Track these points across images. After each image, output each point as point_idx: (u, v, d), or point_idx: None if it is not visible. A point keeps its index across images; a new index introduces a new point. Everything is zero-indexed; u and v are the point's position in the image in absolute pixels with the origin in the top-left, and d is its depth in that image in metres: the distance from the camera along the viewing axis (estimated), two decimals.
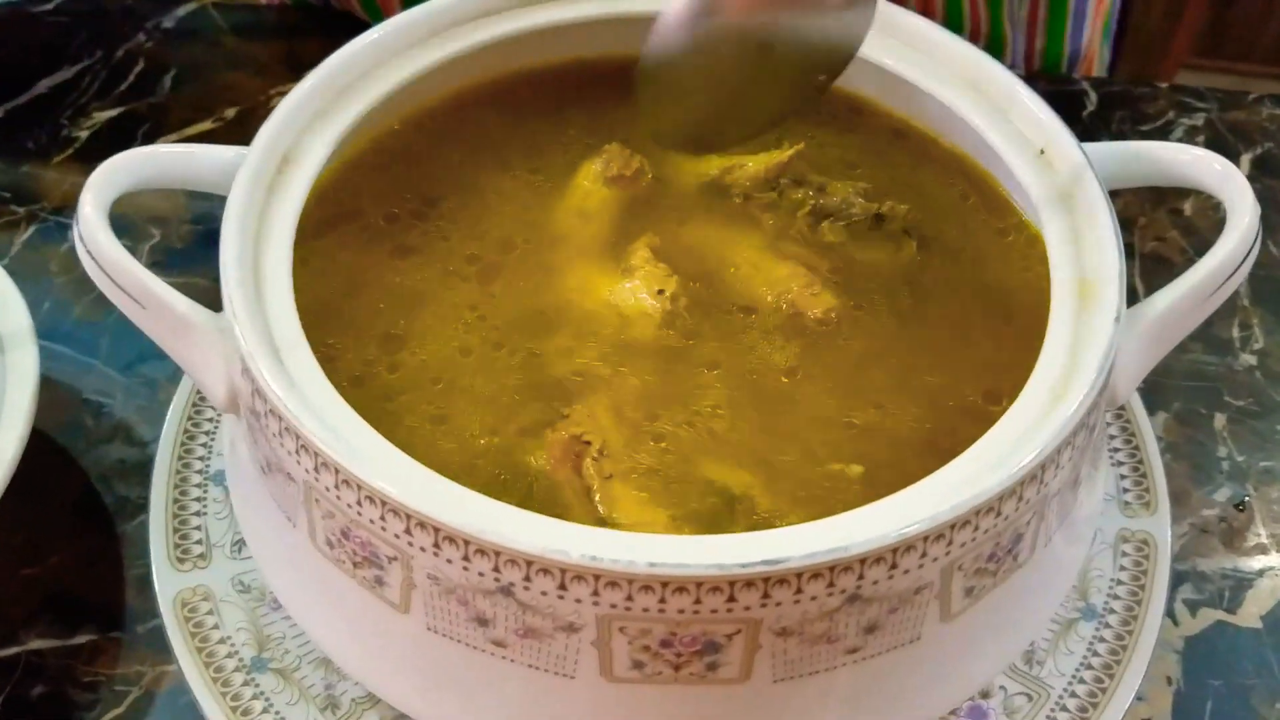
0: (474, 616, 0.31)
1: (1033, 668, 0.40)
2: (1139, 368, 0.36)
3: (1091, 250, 0.36)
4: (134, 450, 0.49)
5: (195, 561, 0.42)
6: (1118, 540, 0.43)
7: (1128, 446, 0.45)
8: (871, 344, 0.38)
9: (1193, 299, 0.36)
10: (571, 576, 0.29)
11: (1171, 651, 0.43)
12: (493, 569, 0.30)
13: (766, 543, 0.29)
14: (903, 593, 0.31)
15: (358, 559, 0.32)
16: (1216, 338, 0.53)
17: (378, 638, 0.34)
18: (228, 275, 0.34)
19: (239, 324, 0.33)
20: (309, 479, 0.32)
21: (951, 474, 0.31)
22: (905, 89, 0.42)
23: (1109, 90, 0.63)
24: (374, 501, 0.30)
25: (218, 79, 0.64)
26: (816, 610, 0.30)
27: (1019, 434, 0.32)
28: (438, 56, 0.42)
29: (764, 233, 0.41)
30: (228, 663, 0.40)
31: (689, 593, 0.29)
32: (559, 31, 0.44)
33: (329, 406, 0.32)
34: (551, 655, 0.31)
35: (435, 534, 0.30)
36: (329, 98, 0.40)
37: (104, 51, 0.65)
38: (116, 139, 0.61)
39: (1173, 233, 0.57)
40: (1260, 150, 0.61)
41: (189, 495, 0.44)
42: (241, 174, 0.36)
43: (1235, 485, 0.48)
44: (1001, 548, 0.32)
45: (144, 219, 0.57)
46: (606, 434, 0.35)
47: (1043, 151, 0.39)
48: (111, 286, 0.35)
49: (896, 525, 0.29)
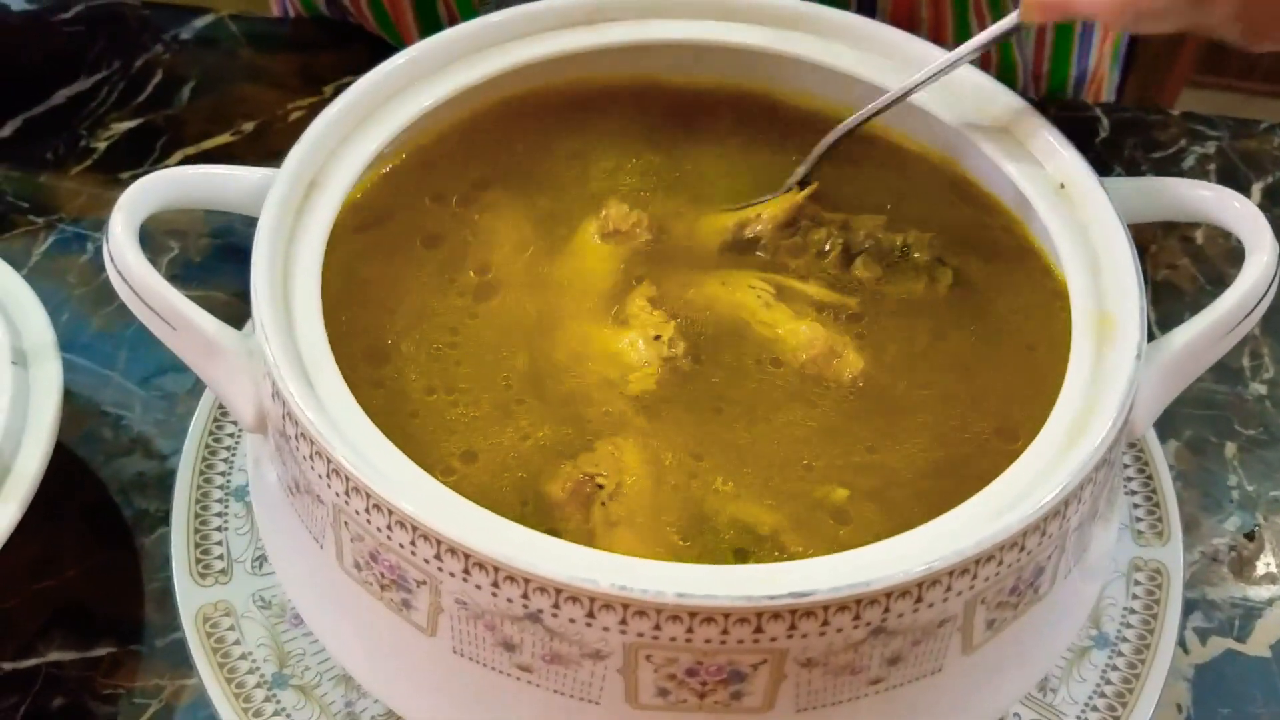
0: (501, 641, 0.31)
1: (1046, 695, 0.41)
2: (1157, 403, 0.37)
3: (1111, 285, 0.36)
4: (152, 463, 0.49)
5: (217, 577, 0.43)
6: (1130, 569, 0.43)
7: (1141, 476, 0.46)
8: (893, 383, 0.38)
9: (1211, 336, 0.36)
10: (600, 605, 0.29)
11: (1182, 679, 0.44)
12: (521, 596, 0.30)
13: (794, 575, 0.30)
14: (926, 625, 0.31)
15: (385, 581, 0.32)
16: (1227, 367, 0.53)
17: (402, 658, 0.34)
18: (259, 299, 0.34)
19: (270, 347, 0.33)
20: (339, 502, 0.32)
21: (975, 508, 0.31)
22: (923, 120, 0.42)
23: (1121, 117, 0.64)
24: (404, 526, 0.30)
25: (235, 91, 0.65)
26: (842, 642, 0.30)
27: (1041, 469, 0.32)
28: (464, 80, 0.43)
29: (785, 276, 0.41)
30: (249, 678, 0.40)
31: (716, 623, 0.29)
32: (581, 58, 0.44)
33: (359, 431, 0.32)
34: (577, 681, 0.31)
35: (465, 560, 0.30)
36: (353, 123, 0.40)
37: (122, 62, 0.66)
38: (134, 150, 0.61)
39: (1184, 260, 0.58)
40: (1271, 179, 0.62)
41: (210, 510, 0.44)
42: (270, 198, 0.37)
43: (1245, 514, 0.49)
44: (1024, 581, 0.32)
45: (162, 232, 0.57)
46: (623, 476, 0.35)
47: (1063, 186, 0.39)
48: (142, 307, 0.36)
49: (922, 559, 0.30)
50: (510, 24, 0.44)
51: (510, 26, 0.44)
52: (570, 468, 0.35)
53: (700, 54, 0.46)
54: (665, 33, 0.45)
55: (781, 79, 0.45)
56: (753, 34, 0.45)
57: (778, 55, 0.45)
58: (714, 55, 0.46)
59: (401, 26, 0.65)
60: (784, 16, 0.45)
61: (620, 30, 0.45)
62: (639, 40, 0.45)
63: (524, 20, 0.44)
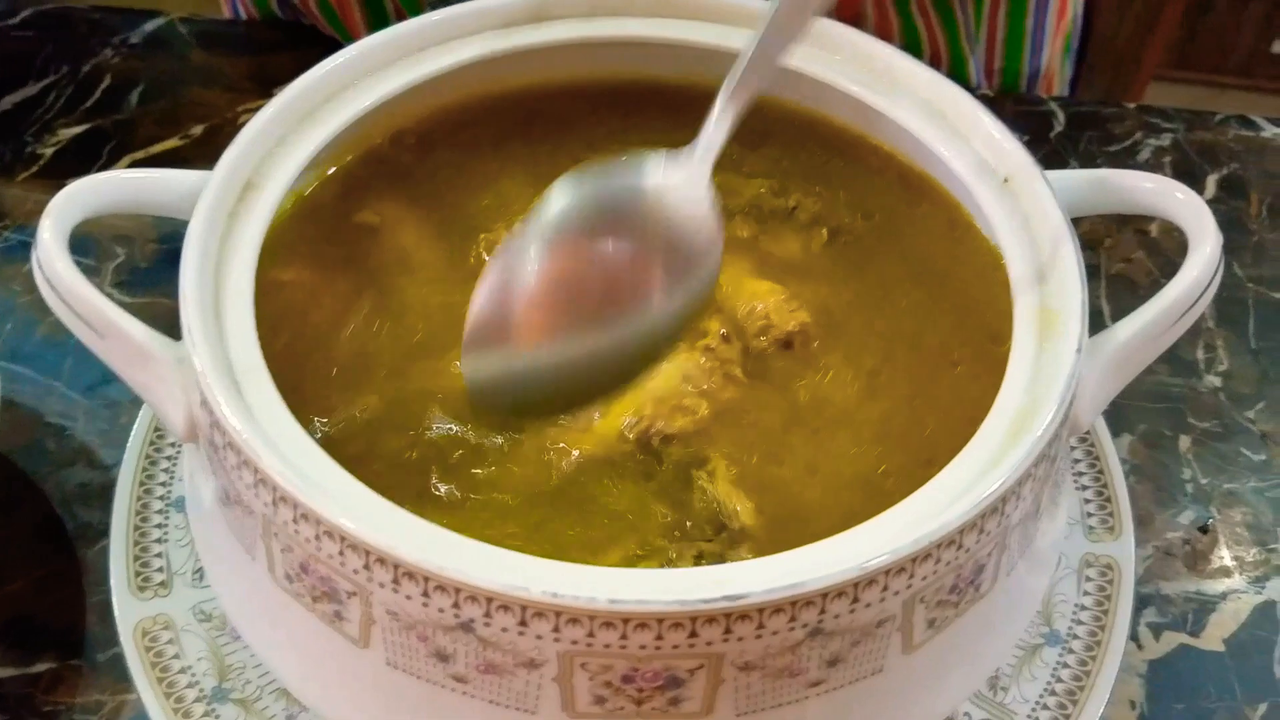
0: (434, 652, 0.31)
1: (997, 694, 0.40)
2: (1102, 396, 0.36)
3: (1054, 280, 0.36)
4: (96, 474, 0.48)
5: (156, 589, 0.42)
6: (1082, 565, 0.43)
7: (1092, 470, 0.46)
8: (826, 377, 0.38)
9: (1156, 328, 0.36)
10: (532, 613, 0.29)
11: (1135, 675, 0.44)
12: (452, 605, 0.29)
13: (728, 577, 0.29)
14: (865, 626, 0.31)
15: (316, 593, 0.32)
16: (1181, 360, 0.53)
17: (337, 671, 0.33)
18: (187, 305, 0.34)
19: (197, 354, 0.33)
20: (267, 512, 0.31)
21: (913, 507, 0.31)
22: (869, 114, 0.42)
23: (1077, 111, 0.63)
24: (332, 536, 0.30)
25: (185, 95, 0.64)
26: (779, 644, 0.30)
27: (981, 466, 0.32)
28: (405, 81, 0.42)
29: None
30: (188, 693, 0.39)
31: (650, 629, 0.29)
32: (526, 56, 0.44)
33: (288, 438, 0.32)
34: (513, 691, 0.31)
35: (394, 570, 0.29)
36: (293, 123, 0.40)
37: (70, 67, 0.65)
38: (82, 156, 0.60)
39: (1139, 253, 0.57)
40: (1226, 171, 0.62)
41: (150, 522, 0.43)
42: (203, 201, 0.36)
43: (1199, 508, 0.49)
44: (963, 579, 0.32)
45: (109, 238, 0.56)
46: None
47: (1007, 180, 0.39)
48: (69, 314, 0.35)
49: (857, 559, 0.29)
50: (454, 22, 0.43)
51: (454, 24, 0.43)
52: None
53: (649, 51, 0.45)
54: (613, 30, 0.45)
55: None
56: (703, 31, 0.45)
57: (728, 53, 0.44)
58: (663, 53, 0.45)
59: (350, 24, 0.64)
60: (734, 14, 0.44)
61: (567, 28, 0.44)
62: (586, 38, 0.44)
63: (468, 18, 0.43)
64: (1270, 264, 0.58)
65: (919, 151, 0.41)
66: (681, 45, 0.44)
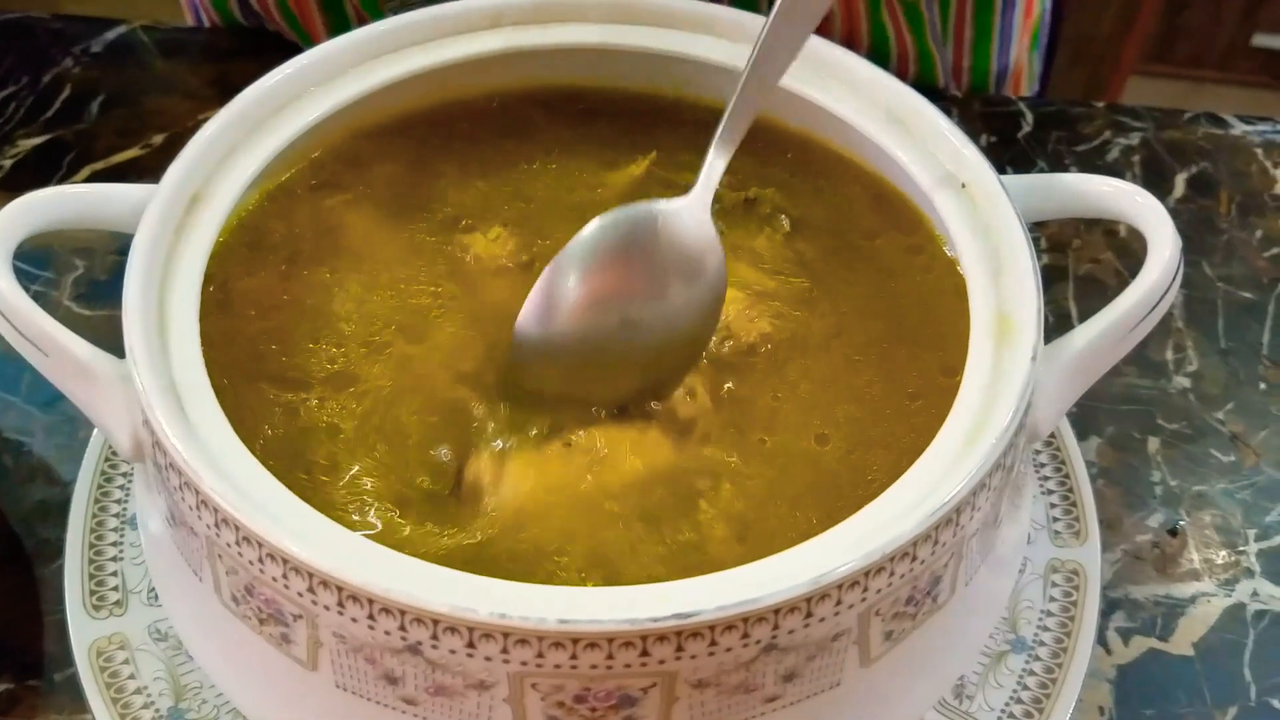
0: (383, 674, 0.30)
1: (963, 702, 0.40)
2: (1060, 403, 0.36)
3: (1010, 286, 0.35)
4: (55, 490, 0.48)
5: (111, 609, 0.41)
6: (1048, 570, 0.43)
7: (1058, 475, 0.45)
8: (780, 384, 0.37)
9: (1114, 334, 0.35)
10: (480, 635, 0.28)
11: (1104, 681, 0.43)
12: (399, 628, 0.29)
13: (679, 594, 0.29)
14: (820, 640, 0.30)
15: (263, 615, 0.31)
16: (1150, 361, 0.53)
17: (288, 694, 0.33)
18: (130, 322, 0.33)
19: (139, 373, 0.32)
20: (210, 534, 0.31)
21: (867, 519, 0.31)
22: (829, 121, 0.42)
23: (1045, 110, 0.63)
24: (275, 559, 0.29)
25: (147, 104, 0.63)
26: (732, 661, 0.30)
27: (935, 477, 0.31)
28: (358, 89, 0.41)
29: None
30: (144, 714, 0.39)
31: (601, 648, 0.29)
32: (482, 62, 0.43)
33: (232, 457, 0.31)
34: (464, 713, 0.30)
35: (339, 593, 0.29)
36: (241, 134, 0.39)
37: (30, 77, 0.64)
38: (42, 167, 0.60)
39: (1107, 254, 0.57)
40: (1195, 169, 0.62)
41: (105, 540, 0.43)
42: (147, 215, 0.36)
43: (1169, 510, 0.48)
44: (920, 590, 0.32)
45: (68, 250, 0.56)
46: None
47: (964, 185, 0.38)
48: (12, 332, 0.34)
49: (810, 574, 0.29)
50: (408, 29, 0.43)
51: (409, 32, 0.43)
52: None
53: (607, 58, 0.45)
54: (571, 36, 0.44)
55: (693, 83, 0.45)
56: (662, 38, 0.44)
57: (685, 58, 0.44)
58: (622, 59, 0.45)
59: (310, 27, 0.64)
60: (694, 19, 0.44)
61: (524, 34, 0.44)
62: (543, 44, 0.44)
63: (423, 25, 0.43)
64: (1240, 263, 0.57)
65: (879, 157, 0.41)
66: (637, 51, 0.44)
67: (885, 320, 0.39)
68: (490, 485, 0.34)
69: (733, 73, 0.42)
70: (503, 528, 0.34)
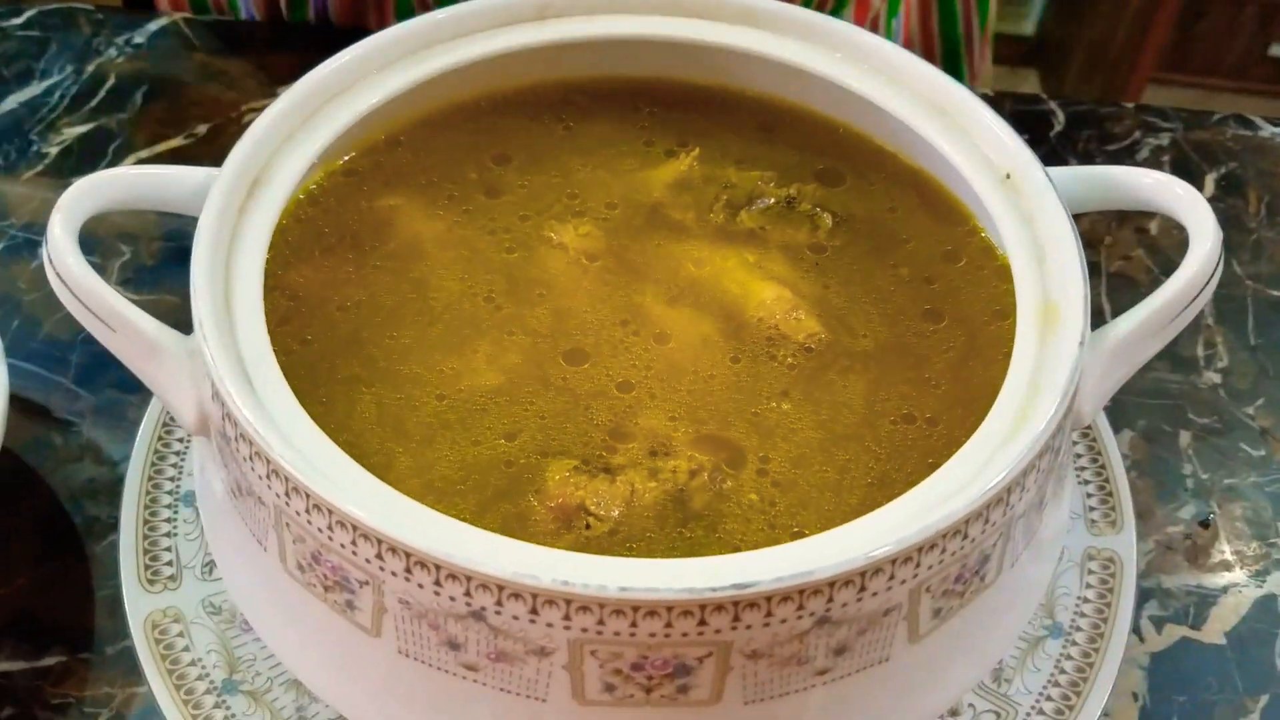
0: (445, 640, 0.31)
1: (1000, 685, 0.41)
2: (1104, 390, 0.37)
3: (1056, 274, 0.36)
4: (103, 469, 0.49)
5: (166, 583, 0.42)
6: (1084, 558, 0.44)
7: (1094, 465, 0.46)
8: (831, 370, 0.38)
9: (1156, 322, 0.36)
10: (543, 601, 0.29)
11: (1137, 668, 0.44)
12: (464, 594, 0.30)
13: (736, 566, 0.30)
14: (871, 614, 0.31)
15: (328, 583, 0.32)
16: (1180, 356, 0.54)
17: (349, 661, 0.34)
18: (198, 299, 0.34)
19: (209, 347, 0.33)
20: (279, 503, 0.31)
21: (919, 497, 0.31)
22: (870, 111, 0.42)
23: (1076, 110, 0.64)
24: (345, 526, 0.30)
25: (189, 94, 0.64)
26: (786, 633, 0.30)
27: (985, 457, 0.32)
28: (410, 78, 0.42)
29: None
30: (198, 685, 0.40)
31: (660, 616, 0.29)
32: (529, 54, 0.44)
33: (300, 429, 0.32)
34: (523, 679, 0.31)
35: (407, 559, 0.30)
36: (300, 119, 0.40)
37: (75, 67, 0.65)
38: (87, 155, 0.61)
39: (1138, 251, 0.58)
40: (1224, 170, 0.62)
41: (159, 516, 0.44)
42: (212, 197, 0.36)
43: (1200, 502, 0.49)
44: (968, 569, 0.32)
45: (114, 236, 0.57)
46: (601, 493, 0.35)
47: (1008, 176, 0.39)
48: (81, 309, 0.35)
49: (864, 548, 0.30)
50: (457, 20, 0.44)
51: (457, 23, 0.44)
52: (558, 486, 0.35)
53: (651, 50, 0.45)
54: (615, 28, 0.45)
55: (733, 74, 0.45)
56: (704, 29, 0.45)
57: (734, 50, 0.45)
58: (665, 51, 0.45)
59: None
60: (736, 11, 0.45)
61: (569, 26, 0.45)
62: (588, 36, 0.45)
63: (471, 17, 0.44)
64: (1268, 262, 0.58)
65: (920, 148, 0.42)
66: (687, 43, 0.44)
67: (929, 311, 0.39)
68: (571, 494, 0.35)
69: (771, 62, 0.43)
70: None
